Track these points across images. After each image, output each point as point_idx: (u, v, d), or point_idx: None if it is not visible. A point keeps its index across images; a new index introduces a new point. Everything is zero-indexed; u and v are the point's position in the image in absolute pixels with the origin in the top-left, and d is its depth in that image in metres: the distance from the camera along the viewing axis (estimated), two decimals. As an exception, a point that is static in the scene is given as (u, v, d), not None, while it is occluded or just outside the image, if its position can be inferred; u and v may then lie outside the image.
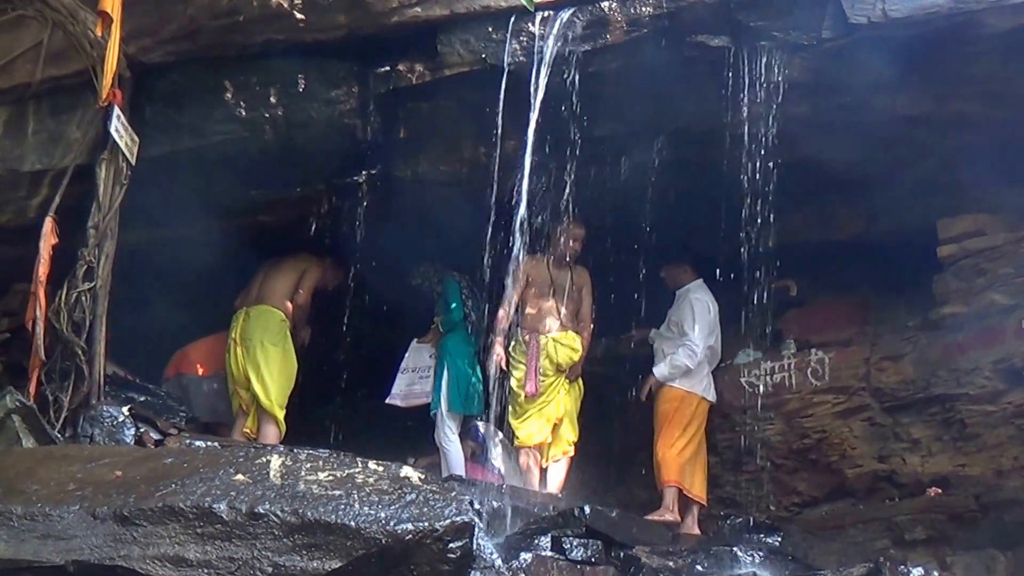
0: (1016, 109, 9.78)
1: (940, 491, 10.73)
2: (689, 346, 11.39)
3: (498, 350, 10.94)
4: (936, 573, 9.02)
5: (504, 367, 10.96)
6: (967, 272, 10.87)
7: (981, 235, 10.83)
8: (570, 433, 11.15)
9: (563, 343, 11.11)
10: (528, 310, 11.17)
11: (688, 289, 11.66)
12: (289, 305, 11.52)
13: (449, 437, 11.36)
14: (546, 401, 11.01)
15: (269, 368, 11.28)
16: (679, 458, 11.22)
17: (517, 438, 10.98)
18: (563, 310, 11.09)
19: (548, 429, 10.96)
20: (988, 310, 10.74)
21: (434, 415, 11.46)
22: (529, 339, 11.07)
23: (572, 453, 11.12)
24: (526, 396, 10.96)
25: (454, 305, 11.61)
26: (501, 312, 10.99)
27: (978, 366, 10.72)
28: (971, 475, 10.68)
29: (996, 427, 10.61)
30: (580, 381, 11.29)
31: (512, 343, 11.10)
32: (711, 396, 11.57)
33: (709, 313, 11.53)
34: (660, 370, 11.43)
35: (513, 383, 11.03)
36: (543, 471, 11.00)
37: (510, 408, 11.02)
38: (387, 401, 11.84)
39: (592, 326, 11.23)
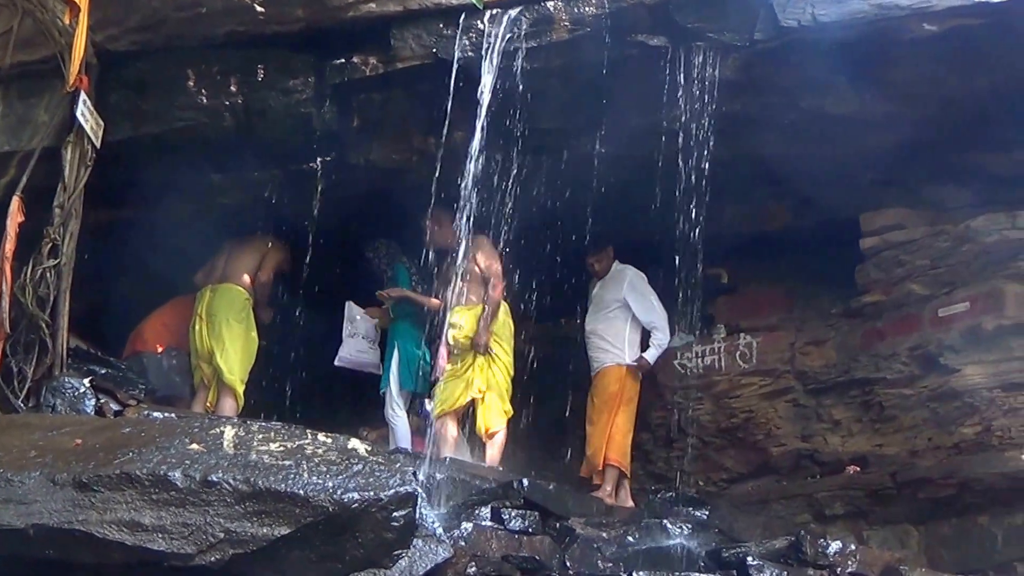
0: (935, 109, 9.86)
1: (859, 469, 10.82)
2: (661, 323, 11.48)
3: (441, 352, 10.99)
4: (853, 546, 9.05)
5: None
6: (887, 263, 10.95)
7: (901, 228, 10.92)
8: (498, 406, 10.96)
9: (458, 317, 11.03)
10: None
11: (621, 270, 11.69)
12: (250, 282, 11.49)
13: (397, 413, 11.34)
14: (457, 372, 10.92)
15: (233, 344, 11.26)
16: (626, 439, 11.26)
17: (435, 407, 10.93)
18: (459, 284, 11.01)
19: (464, 398, 10.87)
20: (906, 299, 10.84)
21: (383, 393, 11.44)
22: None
23: (504, 427, 10.98)
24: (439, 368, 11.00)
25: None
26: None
27: (896, 352, 10.82)
28: (888, 454, 10.77)
29: (912, 410, 10.71)
30: (502, 356, 11.06)
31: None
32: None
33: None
34: (653, 354, 11.48)
35: None
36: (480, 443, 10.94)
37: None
38: (336, 363, 11.81)
39: (496, 296, 10.94)
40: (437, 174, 10.16)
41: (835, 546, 8.81)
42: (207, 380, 11.30)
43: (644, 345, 11.54)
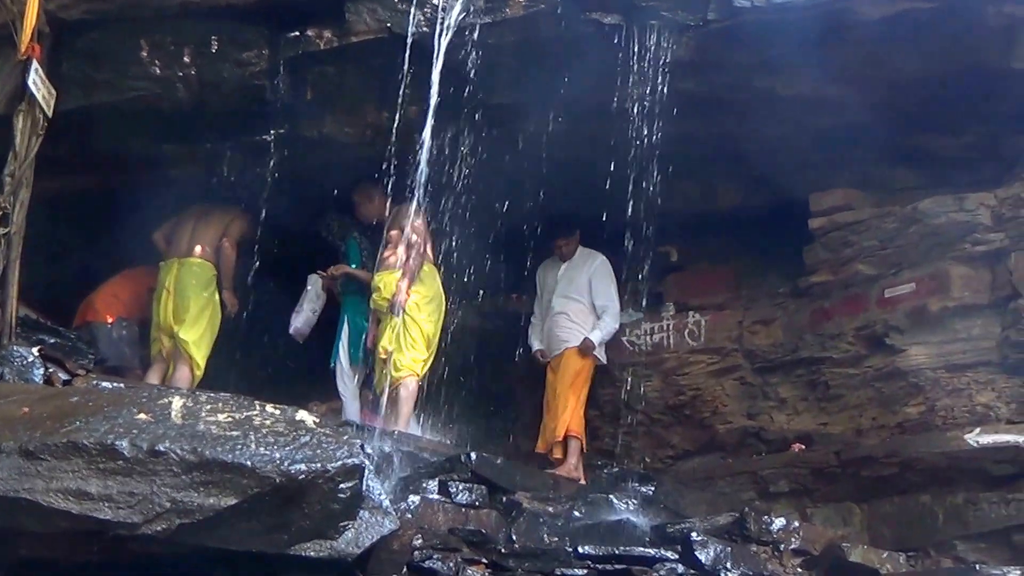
0: (885, 92, 9.92)
1: (804, 447, 10.88)
2: (613, 310, 11.58)
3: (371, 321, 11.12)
4: (796, 523, 9.12)
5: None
6: (835, 244, 11.01)
7: (849, 209, 10.98)
8: (405, 363, 10.80)
9: (379, 281, 11.05)
10: None
11: (588, 255, 11.73)
12: (215, 255, 11.47)
13: (348, 386, 11.35)
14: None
15: (199, 319, 11.26)
16: (582, 413, 11.30)
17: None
18: (384, 250, 11.01)
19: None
20: (853, 279, 10.90)
21: (333, 367, 11.44)
22: None
23: (409, 385, 10.78)
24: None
25: (353, 267, 11.57)
26: None
27: (842, 332, 10.89)
28: (833, 433, 10.85)
29: (857, 389, 10.79)
30: (418, 318, 10.90)
31: None
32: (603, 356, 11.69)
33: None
34: (598, 335, 11.52)
35: None
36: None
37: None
38: (291, 332, 11.80)
39: (415, 258, 10.85)
40: (392, 148, 10.14)
41: (779, 523, 8.88)
42: (166, 353, 11.25)
43: None
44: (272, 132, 10.67)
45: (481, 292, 11.69)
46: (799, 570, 8.50)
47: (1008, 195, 10.25)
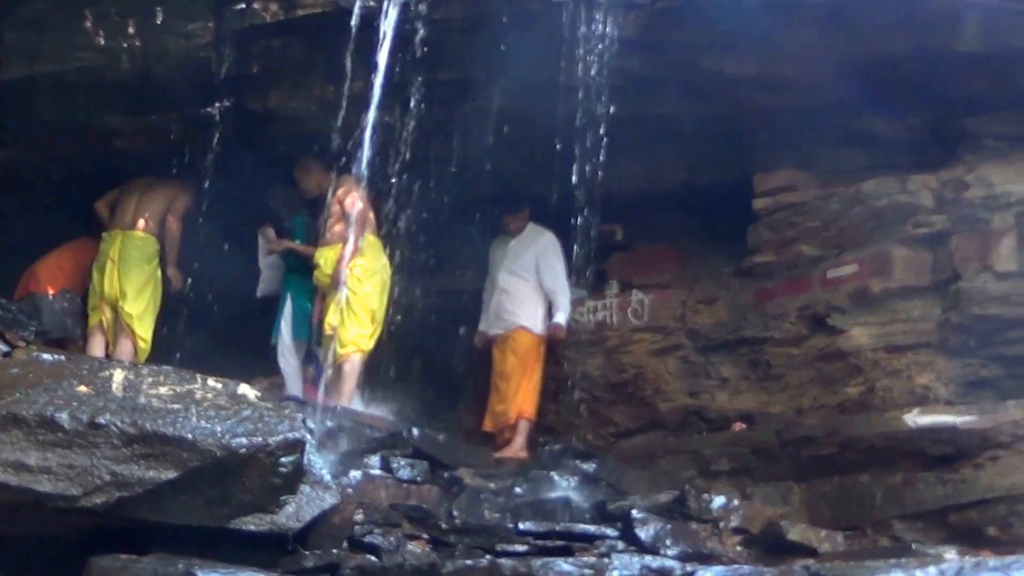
0: (830, 75, 9.94)
1: (745, 426, 10.92)
2: (564, 290, 11.54)
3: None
4: (736, 502, 9.20)
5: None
6: (779, 224, 11.05)
7: (793, 190, 11.02)
8: (351, 339, 10.81)
9: (319, 257, 11.07)
10: None
11: (539, 232, 11.69)
12: (160, 228, 11.41)
13: (290, 362, 11.34)
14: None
15: (143, 292, 11.23)
16: (536, 394, 11.32)
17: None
18: (325, 225, 11.02)
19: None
20: (796, 260, 10.95)
21: (275, 344, 11.42)
22: None
23: (354, 360, 10.82)
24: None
25: (297, 242, 11.54)
26: None
27: (784, 312, 10.94)
28: (774, 412, 10.89)
29: (798, 369, 10.84)
30: (360, 292, 10.88)
31: None
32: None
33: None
34: (563, 317, 11.51)
35: None
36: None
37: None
38: (258, 295, 11.85)
39: (355, 233, 10.82)
40: (337, 123, 10.11)
41: (719, 501, 8.97)
42: (107, 324, 11.21)
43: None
44: (217, 105, 10.62)
45: (427, 268, 11.66)
46: (738, 548, 8.56)
47: (950, 178, 10.32)
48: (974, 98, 10.15)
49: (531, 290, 11.55)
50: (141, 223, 11.34)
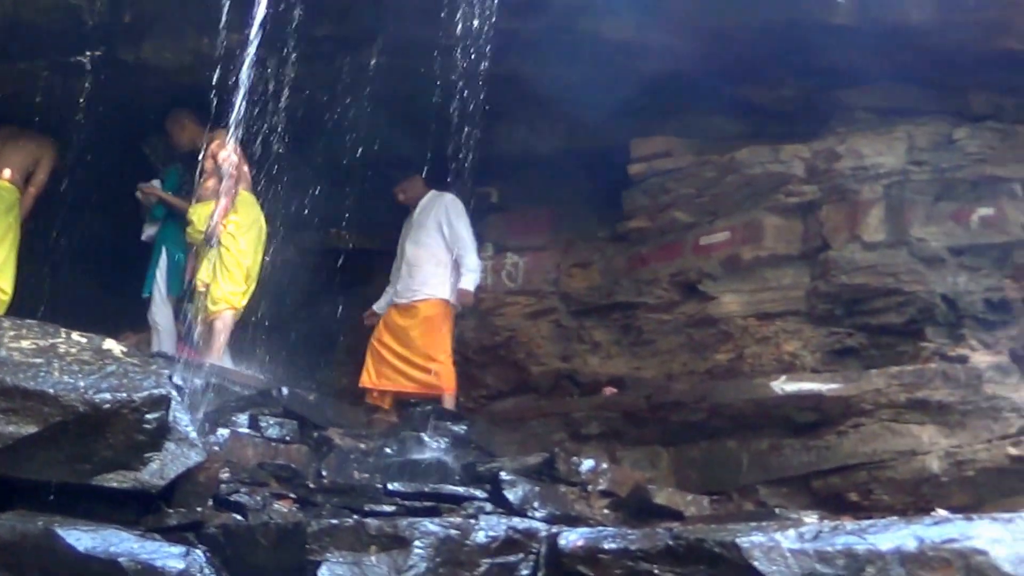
0: (709, 41, 9.99)
1: (615, 391, 11.01)
2: (470, 251, 11.32)
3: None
4: (605, 465, 9.26)
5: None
6: (654, 190, 11.13)
7: (668, 156, 11.10)
8: (222, 295, 10.68)
9: (192, 213, 10.94)
10: None
11: (437, 196, 11.51)
12: (22, 181, 11.18)
13: (162, 317, 11.19)
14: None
15: (3, 241, 11.03)
16: (450, 363, 11.22)
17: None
18: (199, 181, 10.90)
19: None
20: (670, 226, 11.05)
21: (147, 298, 11.26)
22: None
23: (225, 317, 10.71)
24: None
25: (170, 193, 11.38)
26: None
27: (657, 277, 11.03)
28: (644, 378, 10.99)
29: (669, 335, 10.94)
30: (233, 248, 10.74)
31: None
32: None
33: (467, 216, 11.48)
34: (470, 282, 11.25)
35: None
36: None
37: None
38: (143, 239, 11.65)
39: (228, 189, 10.65)
40: (212, 76, 9.95)
41: (587, 464, 9.02)
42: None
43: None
44: (89, 54, 10.38)
45: (303, 226, 11.54)
46: (606, 511, 8.61)
47: (822, 148, 10.46)
48: (847, 70, 10.26)
49: (438, 257, 11.34)
50: (6, 173, 11.09)
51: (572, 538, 5.59)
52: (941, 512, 8.18)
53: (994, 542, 5.12)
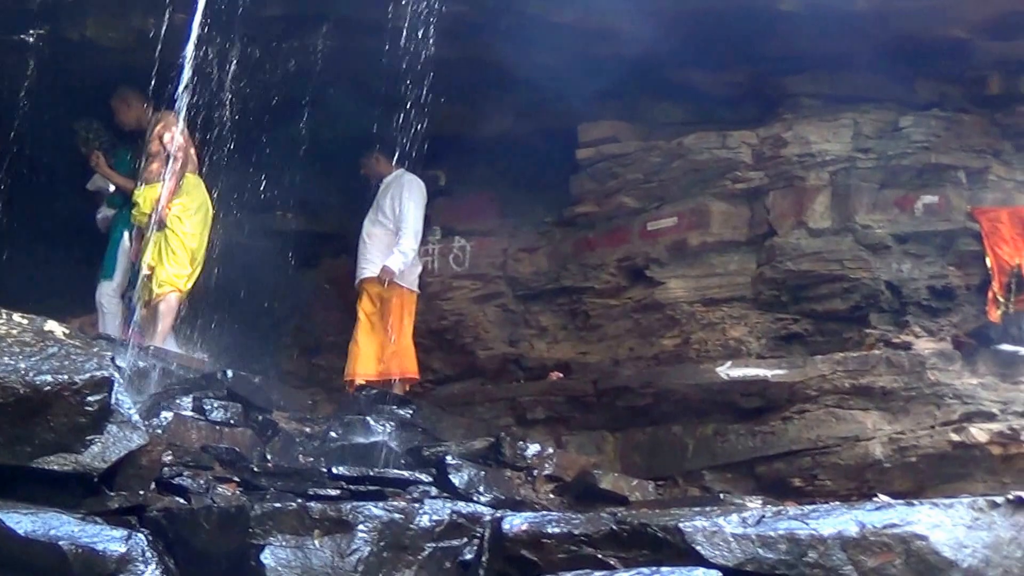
0: (653, 27, 9.95)
1: (562, 375, 11.03)
2: (407, 230, 11.16)
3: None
4: (551, 450, 9.30)
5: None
6: (601, 175, 11.15)
7: (616, 141, 11.13)
8: (168, 278, 10.56)
9: (138, 195, 10.80)
10: None
11: (398, 176, 11.39)
12: None
13: (110, 299, 11.10)
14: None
15: None
16: (410, 349, 11.14)
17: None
18: (144, 163, 10.82)
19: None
20: (617, 211, 11.07)
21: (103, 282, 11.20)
22: None
23: (171, 299, 10.58)
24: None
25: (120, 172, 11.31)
26: None
27: (604, 263, 11.06)
28: (591, 362, 11.02)
29: (616, 320, 10.97)
30: (178, 230, 10.59)
31: None
32: (416, 288, 11.42)
33: (424, 196, 11.39)
34: (394, 262, 11.07)
35: None
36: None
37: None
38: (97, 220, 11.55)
39: (174, 171, 10.50)
40: (157, 56, 9.86)
41: (533, 449, 9.06)
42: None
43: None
44: (32, 32, 10.28)
45: (250, 208, 11.48)
46: (551, 496, 8.64)
47: (769, 134, 10.51)
48: (795, 57, 10.31)
49: (389, 236, 11.29)
50: None
51: (516, 522, 5.58)
52: (882, 498, 8.25)
53: (934, 527, 5.16)
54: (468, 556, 5.88)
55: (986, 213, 10.11)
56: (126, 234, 11.13)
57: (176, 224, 10.56)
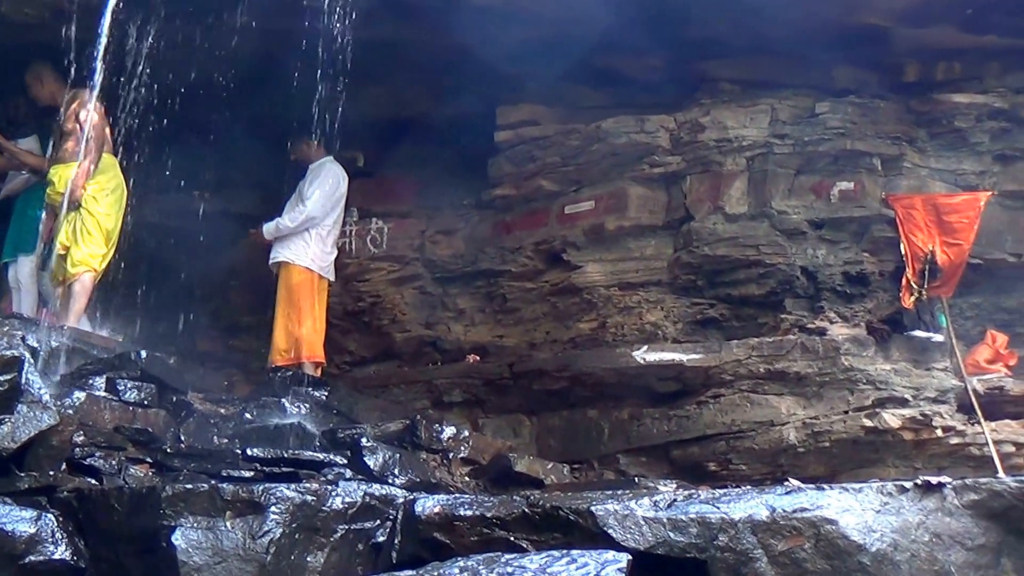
0: (574, 10, 9.99)
1: (479, 358, 11.07)
2: (302, 211, 11.07)
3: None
4: (467, 432, 9.30)
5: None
6: (520, 158, 11.16)
7: (535, 124, 11.15)
8: (81, 258, 10.42)
9: (52, 174, 10.62)
10: None
11: (323, 163, 11.33)
12: None
13: (23, 278, 10.99)
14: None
15: None
16: (319, 334, 11.05)
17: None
18: (59, 141, 10.69)
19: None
20: (536, 195, 11.10)
21: (8, 262, 11.07)
22: None
23: (84, 280, 10.42)
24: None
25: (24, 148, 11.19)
26: None
27: (522, 246, 11.09)
28: (507, 345, 11.06)
29: (533, 303, 11.02)
30: (94, 210, 10.46)
31: None
32: (330, 276, 11.31)
33: (338, 187, 11.28)
34: (268, 228, 11.11)
35: None
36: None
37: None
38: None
39: (89, 151, 10.35)
40: (71, 32, 9.76)
41: (449, 431, 9.07)
42: None
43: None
44: (-57, 7, 10.17)
45: (164, 188, 11.39)
46: (467, 478, 8.66)
47: (687, 119, 10.58)
48: (714, 42, 10.36)
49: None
50: None
51: (428, 504, 5.58)
52: (793, 482, 8.31)
53: (844, 511, 5.21)
54: (381, 538, 5.88)
55: (900, 200, 10.24)
56: (30, 211, 11.04)
57: (91, 204, 10.45)
